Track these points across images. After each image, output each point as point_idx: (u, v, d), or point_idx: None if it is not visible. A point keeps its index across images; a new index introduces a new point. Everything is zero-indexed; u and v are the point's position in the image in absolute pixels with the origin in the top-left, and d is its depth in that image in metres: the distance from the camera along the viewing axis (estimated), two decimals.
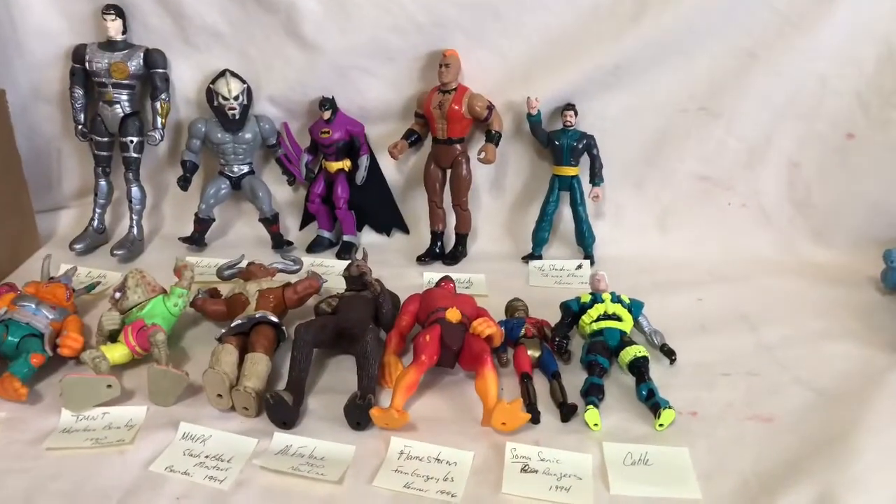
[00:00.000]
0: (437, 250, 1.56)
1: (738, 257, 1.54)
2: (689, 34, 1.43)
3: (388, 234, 1.64)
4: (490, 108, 1.47)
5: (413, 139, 1.53)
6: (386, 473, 0.97)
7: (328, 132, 1.51)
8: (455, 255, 1.55)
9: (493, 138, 1.47)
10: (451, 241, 1.58)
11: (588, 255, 1.55)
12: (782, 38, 1.42)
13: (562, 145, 1.48)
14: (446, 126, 1.47)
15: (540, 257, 1.56)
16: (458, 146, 1.50)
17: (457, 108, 1.45)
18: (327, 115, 1.50)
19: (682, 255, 1.55)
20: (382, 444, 1.02)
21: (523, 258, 1.55)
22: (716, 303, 1.40)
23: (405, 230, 1.64)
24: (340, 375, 1.18)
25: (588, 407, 1.06)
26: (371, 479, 0.96)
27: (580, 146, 1.49)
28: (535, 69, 1.48)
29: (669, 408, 1.06)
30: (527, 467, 0.98)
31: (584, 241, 1.54)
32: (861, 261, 1.44)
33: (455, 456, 1.00)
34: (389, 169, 1.61)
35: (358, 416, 1.03)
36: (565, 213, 1.58)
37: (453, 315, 1.16)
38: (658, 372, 1.18)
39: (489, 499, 0.94)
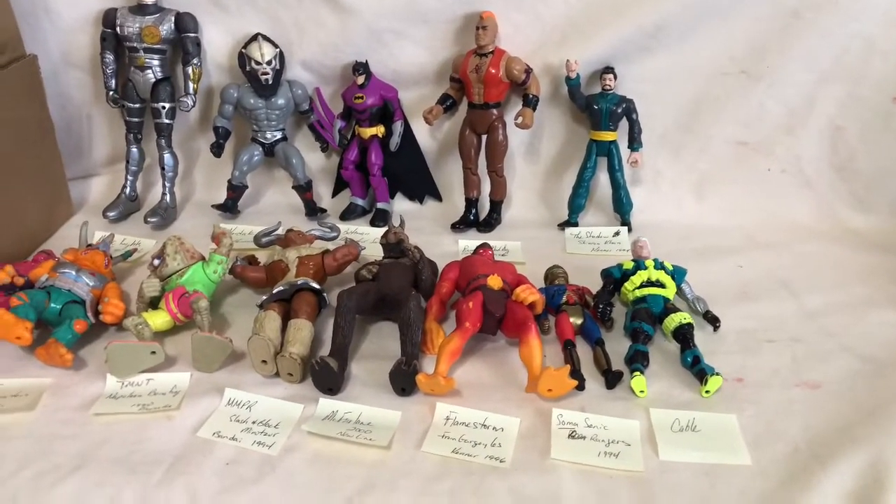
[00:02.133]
0: (472, 217, 1.54)
1: (777, 223, 1.52)
2: None
3: (422, 202, 1.63)
4: (528, 71, 1.44)
5: (448, 104, 1.51)
6: (434, 439, 0.97)
7: (362, 97, 1.49)
8: (489, 223, 1.54)
9: (531, 102, 1.45)
10: (485, 208, 1.57)
11: (626, 222, 1.53)
12: None
13: (601, 109, 1.46)
14: (483, 90, 1.44)
15: (576, 224, 1.54)
16: (495, 111, 1.48)
17: (494, 71, 1.42)
18: (361, 79, 1.48)
19: (721, 221, 1.53)
20: (428, 410, 1.02)
21: (559, 225, 1.54)
22: (756, 269, 1.38)
23: (438, 198, 1.63)
24: (382, 342, 1.18)
25: (634, 373, 1.05)
26: (419, 444, 0.96)
27: (619, 110, 1.46)
28: (573, 32, 1.45)
29: (717, 374, 1.05)
30: (574, 433, 0.98)
31: (622, 207, 1.53)
32: None
33: (502, 422, 1.00)
34: (423, 135, 1.59)
35: (403, 381, 1.03)
36: (601, 179, 1.56)
37: (495, 282, 1.15)
38: (701, 339, 1.17)
39: (538, 464, 0.94)
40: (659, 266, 1.22)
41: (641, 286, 1.20)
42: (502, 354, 1.15)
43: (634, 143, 1.49)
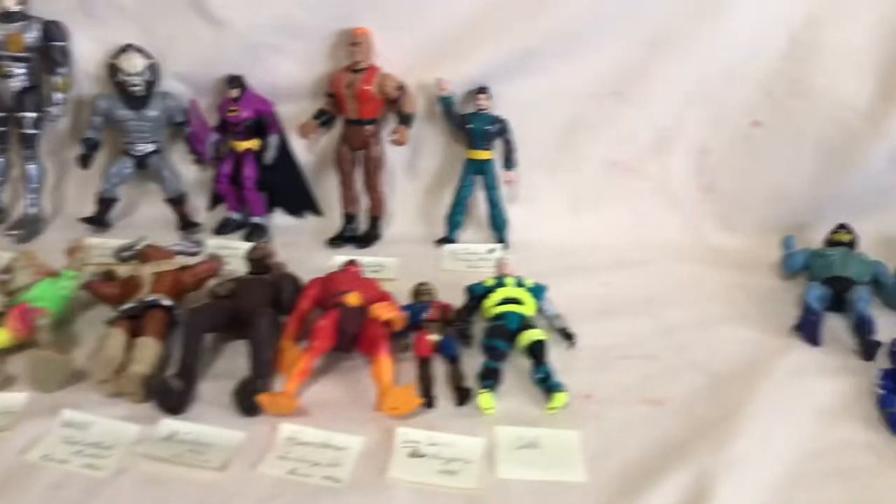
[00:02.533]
0: (350, 233, 1.54)
1: (647, 242, 1.56)
2: (598, 20, 1.44)
3: (301, 216, 1.62)
4: (401, 89, 1.45)
5: (324, 119, 1.51)
6: (272, 460, 0.96)
7: (236, 110, 1.48)
8: (368, 238, 1.54)
9: (406, 120, 1.46)
10: (364, 223, 1.57)
11: (501, 240, 1.55)
12: (689, 26, 1.44)
13: (475, 129, 1.48)
14: (357, 106, 1.45)
15: (454, 241, 1.55)
16: (370, 127, 1.48)
17: (367, 88, 1.43)
18: (235, 93, 1.47)
19: (594, 239, 1.56)
20: (273, 430, 1.01)
21: (437, 241, 1.55)
22: (621, 287, 1.42)
23: (318, 212, 1.62)
24: (237, 361, 1.16)
25: (481, 391, 1.06)
26: (257, 465, 0.95)
27: (493, 130, 1.49)
28: (448, 51, 1.48)
29: (561, 391, 1.07)
30: (416, 451, 0.99)
31: (498, 225, 1.55)
32: (764, 246, 1.47)
33: (344, 441, 1.00)
34: (301, 150, 1.59)
35: (246, 401, 1.02)
36: (481, 196, 1.58)
37: (353, 299, 1.15)
38: (559, 356, 1.19)
39: (374, 483, 0.94)
40: (518, 284, 1.24)
41: (500, 303, 1.21)
42: (358, 373, 1.15)
43: (509, 162, 1.52)
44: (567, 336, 1.22)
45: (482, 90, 1.48)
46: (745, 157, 1.54)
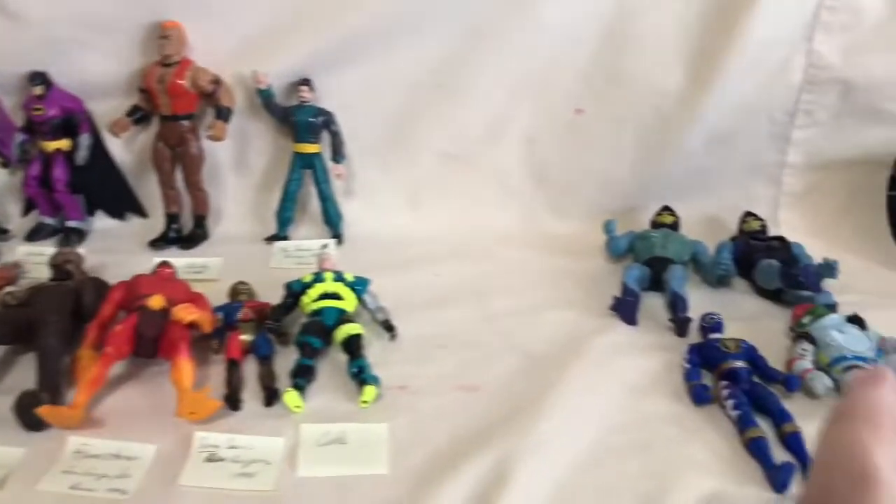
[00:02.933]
0: (174, 234, 1.49)
1: (483, 232, 1.57)
2: (419, 10, 1.44)
3: (123, 218, 1.55)
4: (216, 82, 1.41)
5: (138, 116, 1.45)
6: (54, 475, 0.91)
7: (41, 109, 1.40)
8: (193, 239, 1.49)
9: (223, 114, 1.42)
10: (190, 223, 1.52)
11: (336, 235, 1.54)
12: (508, 16, 1.45)
13: (298, 121, 1.46)
14: (170, 102, 1.40)
15: (286, 238, 1.53)
16: (186, 123, 1.43)
17: (179, 82, 1.38)
18: (38, 90, 1.39)
19: (431, 232, 1.57)
20: (61, 444, 0.96)
21: (266, 239, 1.52)
22: (453, 277, 1.42)
23: (142, 213, 1.56)
24: (29, 374, 1.10)
25: (287, 389, 1.04)
26: (37, 482, 0.90)
27: (318, 122, 1.47)
28: (267, 42, 1.44)
29: (371, 384, 1.06)
30: (214, 456, 0.96)
31: (331, 220, 1.53)
32: (594, 231, 1.51)
33: (137, 451, 0.96)
34: (119, 149, 1.52)
35: (25, 415, 0.96)
36: (315, 191, 1.56)
37: (156, 302, 1.11)
38: (380, 349, 1.19)
39: (164, 493, 0.90)
40: (338, 278, 1.23)
41: (318, 299, 1.20)
42: (163, 379, 1.10)
43: (337, 155, 1.50)
44: (388, 328, 1.21)
45: (304, 82, 1.45)
46: (570, 146, 1.58)
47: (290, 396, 1.03)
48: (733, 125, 1.51)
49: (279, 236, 1.52)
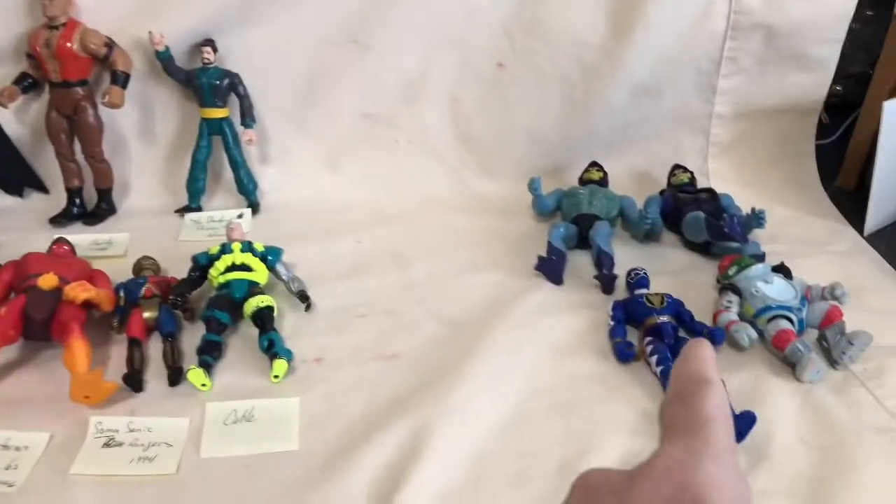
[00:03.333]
0: (77, 209, 1.41)
1: (407, 196, 1.53)
2: None
3: (21, 195, 1.47)
4: (109, 45, 1.33)
5: (27, 84, 1.36)
6: None
7: None
8: (97, 214, 1.42)
9: (119, 79, 1.34)
10: (94, 198, 1.44)
11: (252, 204, 1.48)
12: None
13: (202, 85, 1.39)
14: (59, 67, 1.31)
15: (198, 209, 1.46)
16: (80, 90, 1.35)
17: (67, 45, 1.29)
18: None
19: (352, 197, 1.52)
20: None
21: (177, 211, 1.45)
22: (375, 244, 1.38)
23: (42, 189, 1.47)
24: None
25: (191, 367, 1.00)
26: None
27: (223, 85, 1.40)
28: (163, 3, 1.36)
29: (282, 358, 1.02)
30: (112, 441, 0.91)
31: (245, 188, 1.47)
32: (522, 191, 1.48)
33: (27, 440, 0.90)
34: (10, 120, 1.43)
35: None
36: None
37: (46, 282, 1.04)
38: (295, 321, 1.15)
39: (56, 482, 0.86)
40: (247, 248, 1.18)
41: (226, 271, 1.14)
42: (59, 363, 1.04)
43: (246, 119, 1.44)
44: (303, 299, 1.17)
45: (207, 43, 1.38)
46: (495, 102, 1.54)
47: (195, 374, 0.99)
48: (659, 76, 1.49)
49: (190, 208, 1.45)
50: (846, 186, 1.61)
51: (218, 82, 1.39)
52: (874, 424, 0.98)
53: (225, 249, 1.16)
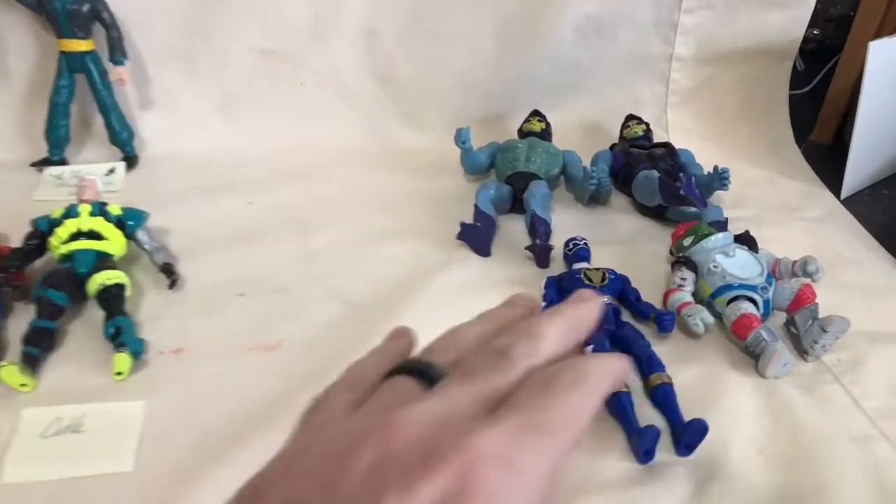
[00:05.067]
0: None
1: (316, 149, 1.35)
2: None
3: None
4: None
5: None
6: None
7: None
8: None
9: None
10: None
11: (127, 156, 1.28)
12: None
13: (56, 10, 1.17)
14: None
15: (62, 162, 1.26)
16: None
17: None
18: None
19: (249, 149, 1.34)
20: None
21: (34, 164, 1.25)
22: (272, 206, 1.21)
23: None
24: None
25: (4, 364, 0.81)
26: None
27: (84, 11, 1.19)
28: None
29: (126, 350, 0.84)
30: None
31: (117, 137, 1.27)
32: (452, 143, 1.29)
33: None
34: None
35: None
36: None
37: None
38: (159, 302, 0.98)
39: None
40: (98, 212, 0.99)
41: (69, 240, 0.95)
42: None
43: (115, 53, 1.23)
44: (168, 273, 0.99)
45: None
46: (420, 37, 1.35)
47: (9, 372, 0.81)
48: (610, 10, 1.32)
49: (51, 160, 1.25)
50: (822, 141, 1.48)
51: (76, 7, 1.17)
52: (849, 431, 0.84)
53: (70, 212, 0.98)
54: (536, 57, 1.35)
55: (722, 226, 1.12)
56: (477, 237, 1.10)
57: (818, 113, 1.48)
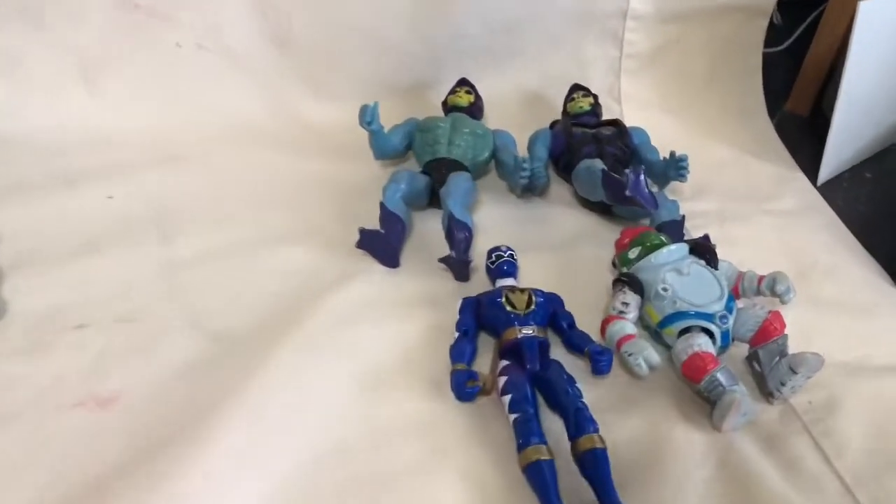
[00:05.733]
0: None
1: (196, 125, 1.17)
2: None
3: None
4: None
5: None
6: None
7: None
8: None
9: None
10: None
11: None
12: None
13: None
14: None
15: None
16: None
17: None
18: None
19: (114, 126, 1.15)
20: None
21: None
22: (135, 200, 1.04)
23: None
24: None
25: None
26: None
27: None
28: None
29: None
30: None
31: None
32: None
33: None
34: None
35: None
36: None
37: None
38: None
39: None
40: None
41: None
42: None
43: None
44: None
45: None
46: None
47: None
48: None
49: None
50: (798, 111, 1.35)
51: None
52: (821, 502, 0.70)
53: None
54: (462, 13, 1.17)
55: (677, 227, 0.98)
56: (382, 245, 0.94)
57: (794, 75, 1.33)
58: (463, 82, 1.19)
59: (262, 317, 0.86)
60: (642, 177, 0.91)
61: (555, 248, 1.00)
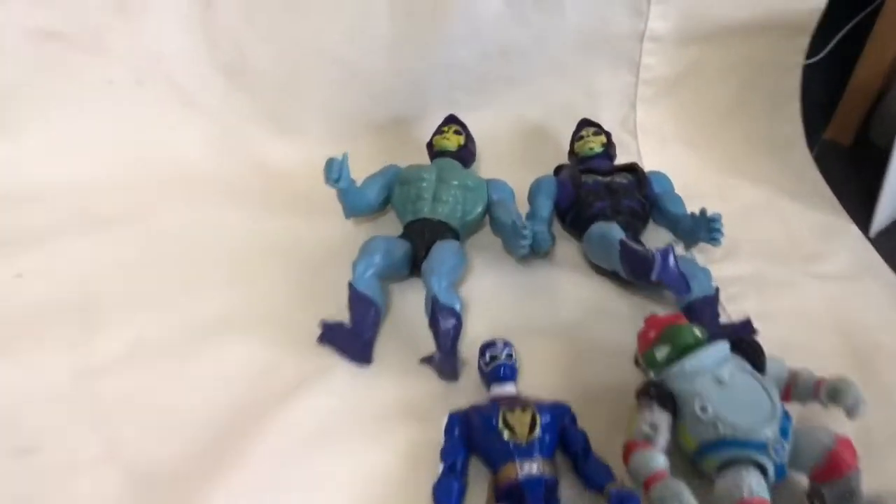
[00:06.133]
0: None
1: (136, 175, 1.00)
2: None
3: None
4: None
5: None
6: None
7: None
8: None
9: None
10: None
11: None
12: None
13: None
14: None
15: None
16: None
17: None
18: None
19: (32, 179, 0.98)
20: None
21: None
22: (51, 277, 0.88)
23: None
24: None
25: None
26: None
27: None
28: None
29: None
30: None
31: None
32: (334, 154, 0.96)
33: None
34: None
35: None
36: None
37: None
38: None
39: None
40: None
41: None
42: None
43: None
44: None
45: None
46: (281, 14, 1.00)
47: None
48: None
49: None
50: (839, 140, 1.21)
51: None
52: None
53: None
54: (451, 35, 1.02)
55: (710, 306, 0.82)
56: (349, 340, 0.78)
57: (833, 93, 1.20)
58: (451, 120, 1.04)
59: (196, 447, 0.70)
60: (672, 256, 0.75)
61: (562, 330, 0.85)
